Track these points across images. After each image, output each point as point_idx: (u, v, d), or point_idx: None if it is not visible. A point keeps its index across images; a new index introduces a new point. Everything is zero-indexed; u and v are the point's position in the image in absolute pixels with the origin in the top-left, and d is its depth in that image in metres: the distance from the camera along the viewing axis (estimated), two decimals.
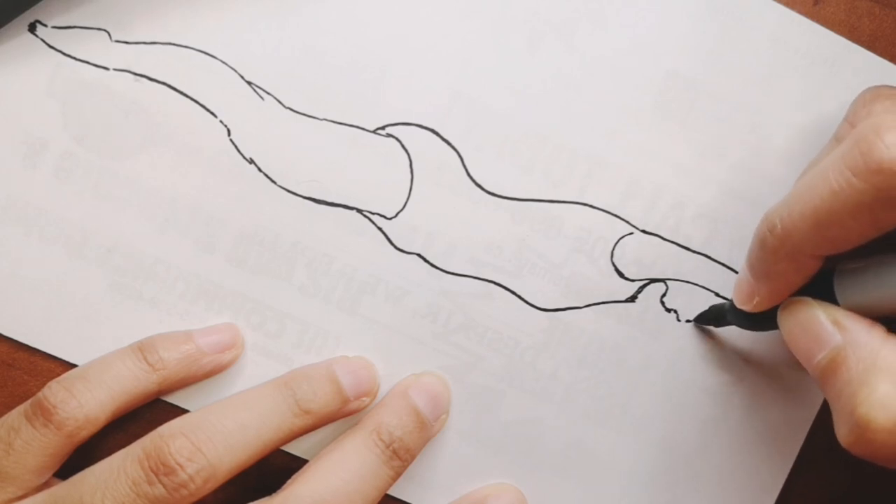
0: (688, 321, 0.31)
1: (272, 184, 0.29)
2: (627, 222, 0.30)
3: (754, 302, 0.26)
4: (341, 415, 0.28)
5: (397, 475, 0.28)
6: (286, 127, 0.29)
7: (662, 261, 0.30)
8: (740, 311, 0.27)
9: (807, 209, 0.22)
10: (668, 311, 0.30)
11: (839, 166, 0.21)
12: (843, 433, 0.22)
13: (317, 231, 0.29)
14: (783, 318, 0.25)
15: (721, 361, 0.31)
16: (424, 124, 0.29)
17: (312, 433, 0.28)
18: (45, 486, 0.27)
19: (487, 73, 0.29)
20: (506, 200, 0.30)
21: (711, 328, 0.31)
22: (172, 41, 0.28)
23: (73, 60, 0.28)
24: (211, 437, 0.26)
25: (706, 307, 0.30)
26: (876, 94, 0.26)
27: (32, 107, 0.28)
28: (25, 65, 0.28)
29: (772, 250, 0.24)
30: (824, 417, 0.31)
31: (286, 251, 0.29)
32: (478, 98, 0.29)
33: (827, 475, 0.32)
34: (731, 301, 0.28)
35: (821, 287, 0.24)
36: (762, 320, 0.26)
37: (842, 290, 0.24)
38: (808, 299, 0.24)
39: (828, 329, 0.23)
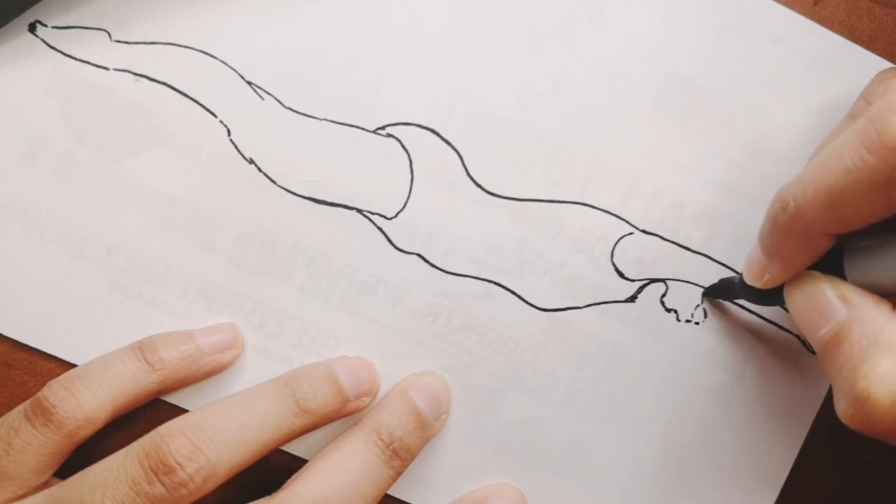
0: (687, 321, 0.31)
1: (272, 184, 0.29)
2: (627, 222, 0.30)
3: (765, 279, 0.25)
4: (341, 415, 0.28)
5: (397, 475, 0.28)
6: (286, 127, 0.29)
7: (662, 261, 0.30)
8: (750, 286, 0.27)
9: (820, 187, 0.22)
10: (668, 311, 0.30)
11: (854, 144, 0.21)
12: (842, 407, 0.22)
13: (317, 231, 0.29)
14: (790, 292, 0.25)
15: (721, 361, 0.31)
16: (424, 124, 0.29)
17: (312, 433, 0.28)
18: (45, 485, 0.27)
19: (487, 73, 0.29)
20: (506, 200, 0.30)
21: (720, 301, 0.30)
22: (172, 41, 0.28)
23: (73, 60, 0.28)
24: (211, 437, 0.26)
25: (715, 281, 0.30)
26: (894, 73, 0.25)
27: (32, 107, 0.28)
28: (25, 65, 0.28)
29: (784, 228, 0.24)
30: (824, 417, 0.31)
31: (286, 251, 0.29)
32: (478, 98, 0.29)
33: (827, 475, 0.32)
34: (740, 275, 0.27)
35: (830, 263, 0.24)
36: (771, 295, 0.26)
37: (851, 266, 0.24)
38: (816, 273, 0.24)
39: (834, 304, 0.23)
